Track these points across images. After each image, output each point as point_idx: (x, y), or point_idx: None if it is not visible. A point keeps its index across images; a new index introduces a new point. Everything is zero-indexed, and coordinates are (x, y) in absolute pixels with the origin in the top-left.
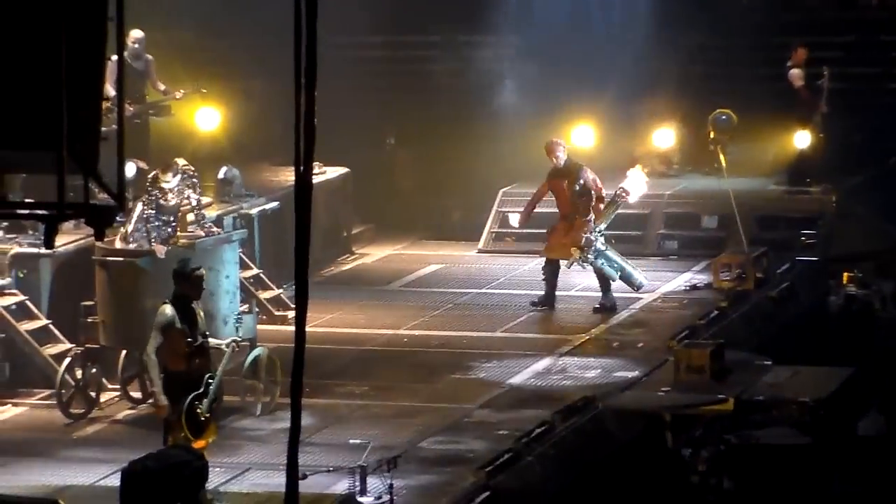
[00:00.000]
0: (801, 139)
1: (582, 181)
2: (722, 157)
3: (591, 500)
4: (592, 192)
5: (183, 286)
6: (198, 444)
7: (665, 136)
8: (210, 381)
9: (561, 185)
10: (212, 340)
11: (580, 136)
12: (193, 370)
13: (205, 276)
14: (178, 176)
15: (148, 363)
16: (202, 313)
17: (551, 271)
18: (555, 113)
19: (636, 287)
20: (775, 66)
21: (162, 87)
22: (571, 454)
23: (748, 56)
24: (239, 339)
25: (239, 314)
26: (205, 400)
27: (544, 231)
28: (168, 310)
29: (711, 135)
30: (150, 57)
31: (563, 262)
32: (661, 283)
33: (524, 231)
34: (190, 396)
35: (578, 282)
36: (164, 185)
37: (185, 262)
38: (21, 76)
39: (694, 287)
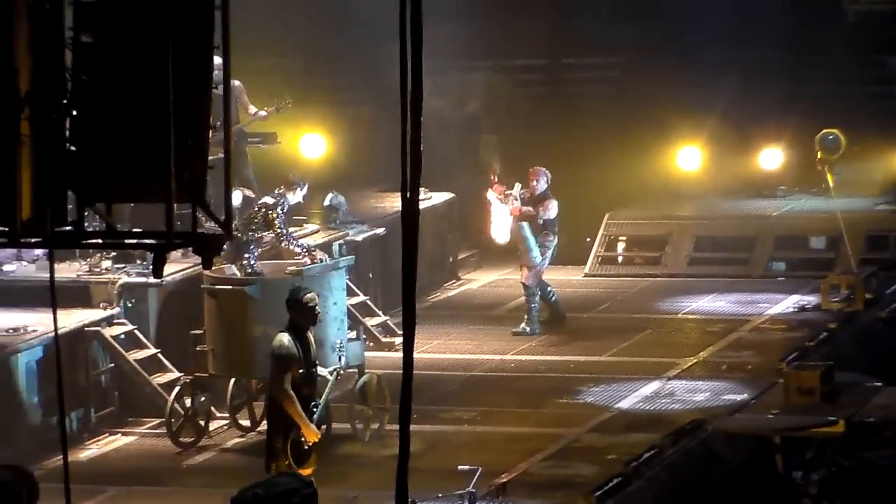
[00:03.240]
0: None
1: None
2: (829, 178)
3: None
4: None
5: (296, 314)
6: (303, 472)
7: (772, 157)
8: (315, 408)
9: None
10: (319, 369)
11: (686, 159)
12: (301, 398)
13: (317, 300)
14: (305, 187)
15: (285, 400)
16: (313, 341)
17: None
18: (660, 135)
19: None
20: (883, 85)
21: (252, 109)
22: (681, 478)
23: (856, 75)
24: (342, 368)
25: (342, 342)
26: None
27: (657, 254)
28: (286, 340)
29: (819, 155)
30: (237, 83)
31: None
32: (770, 304)
33: (632, 254)
34: (295, 424)
35: (686, 304)
36: (291, 201)
37: (297, 290)
38: (129, 107)
39: (803, 308)
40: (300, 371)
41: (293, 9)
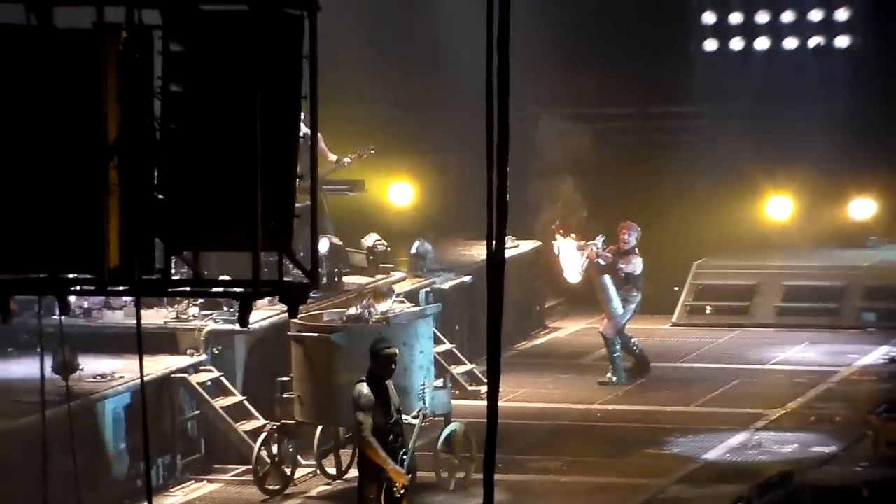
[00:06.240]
0: None
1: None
2: None
3: None
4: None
5: (374, 364)
6: None
7: (864, 207)
8: (404, 457)
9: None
10: (405, 417)
11: (775, 208)
12: (388, 446)
13: (396, 355)
14: (394, 296)
15: (368, 446)
16: (394, 389)
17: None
18: (749, 183)
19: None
20: None
21: (333, 157)
22: None
23: None
24: (426, 410)
25: (425, 388)
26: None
27: (745, 304)
28: (364, 388)
29: None
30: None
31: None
32: (859, 356)
33: (721, 304)
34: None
35: (775, 354)
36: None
37: (378, 341)
38: (216, 156)
39: (892, 360)
40: (384, 419)
41: (380, 55)
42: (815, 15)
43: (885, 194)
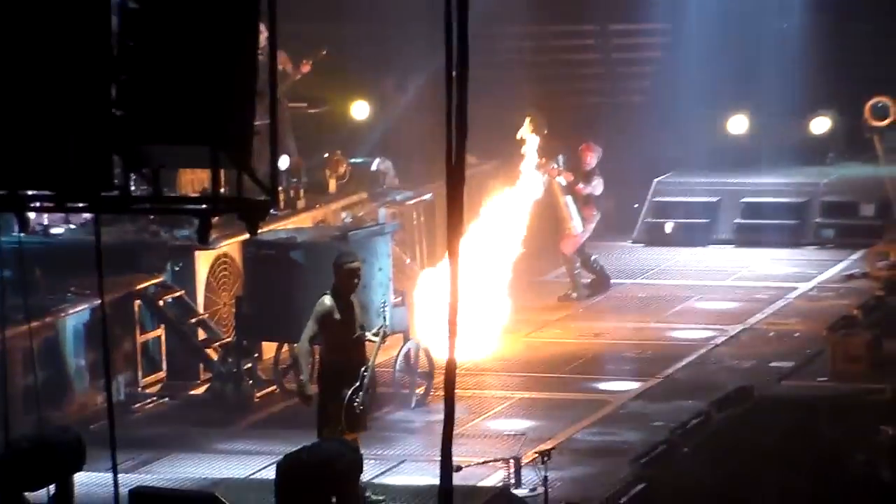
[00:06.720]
0: None
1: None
2: (879, 145)
3: (746, 491)
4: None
5: (337, 278)
6: (350, 437)
7: (823, 123)
8: (365, 373)
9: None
10: (366, 333)
11: (735, 125)
12: (351, 362)
13: (360, 268)
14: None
15: (299, 352)
16: (358, 305)
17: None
18: (708, 101)
19: None
20: None
21: (290, 66)
22: (727, 445)
23: None
24: (387, 328)
25: (385, 305)
26: (361, 392)
27: (705, 221)
28: (327, 300)
29: (868, 123)
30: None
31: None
32: (818, 271)
33: (681, 220)
34: (348, 389)
35: (734, 271)
36: None
37: (341, 255)
38: (175, 73)
39: (851, 276)
40: (347, 335)
41: None
42: None
43: (843, 111)
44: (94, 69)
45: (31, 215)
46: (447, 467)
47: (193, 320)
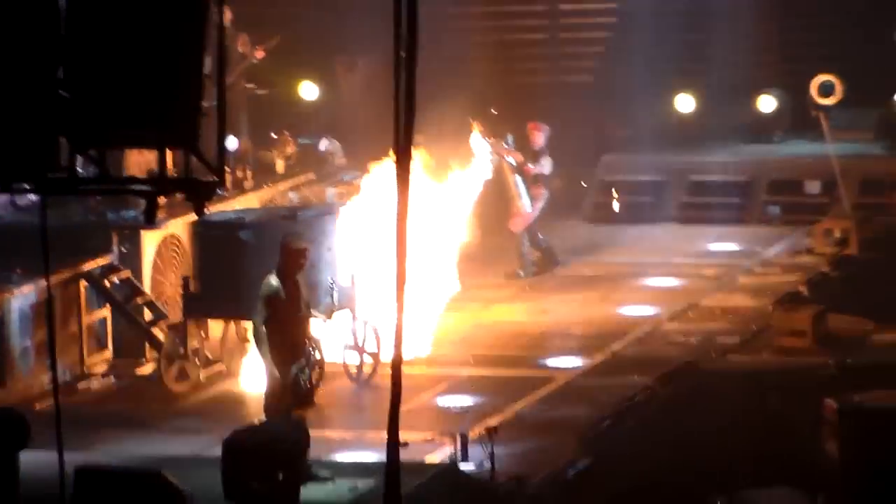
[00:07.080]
0: None
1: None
2: (824, 123)
3: (692, 465)
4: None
5: (285, 258)
6: (298, 413)
7: (767, 103)
8: (313, 352)
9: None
10: (313, 311)
11: (682, 103)
12: (297, 340)
13: (307, 249)
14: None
15: (257, 336)
16: (304, 284)
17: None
18: (654, 80)
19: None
20: (880, 26)
21: (241, 49)
22: (673, 420)
23: (852, 19)
24: (335, 307)
25: (333, 284)
26: (307, 369)
27: (652, 199)
28: (273, 281)
29: (814, 100)
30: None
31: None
32: (764, 248)
33: (629, 198)
34: (294, 367)
35: (681, 248)
36: None
37: (287, 235)
38: (122, 55)
39: (796, 252)
40: (294, 314)
41: None
42: None
43: (789, 89)
44: (40, 51)
45: None
46: (394, 443)
47: (140, 301)
